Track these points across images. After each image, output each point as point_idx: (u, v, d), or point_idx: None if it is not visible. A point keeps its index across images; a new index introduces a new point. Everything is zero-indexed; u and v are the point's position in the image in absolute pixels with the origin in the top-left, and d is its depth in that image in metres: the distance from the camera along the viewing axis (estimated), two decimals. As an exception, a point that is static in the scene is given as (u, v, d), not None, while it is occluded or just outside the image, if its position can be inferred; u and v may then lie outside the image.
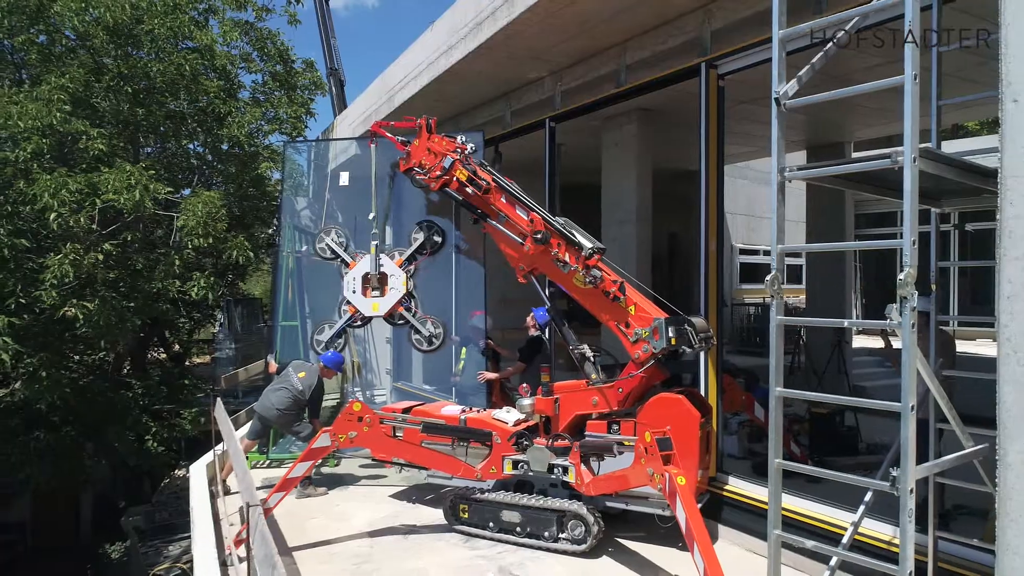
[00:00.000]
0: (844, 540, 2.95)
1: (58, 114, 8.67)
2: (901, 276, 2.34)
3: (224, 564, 5.23)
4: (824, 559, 4.46)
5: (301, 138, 13.91)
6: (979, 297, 17.83)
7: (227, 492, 6.86)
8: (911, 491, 2.25)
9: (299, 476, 5.44)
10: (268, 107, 12.69)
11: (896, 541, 3.98)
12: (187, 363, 18.49)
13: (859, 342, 12.27)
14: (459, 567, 5.13)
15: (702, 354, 5.68)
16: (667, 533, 5.59)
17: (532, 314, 7.34)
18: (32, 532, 14.16)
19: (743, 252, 15.23)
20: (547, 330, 7.32)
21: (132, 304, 9.57)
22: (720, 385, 5.76)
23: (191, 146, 13.77)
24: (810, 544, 2.79)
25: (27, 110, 8.45)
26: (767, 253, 16.32)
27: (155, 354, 17.53)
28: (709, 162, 5.80)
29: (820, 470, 2.82)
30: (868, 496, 3.01)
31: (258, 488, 7.02)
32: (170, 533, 12.86)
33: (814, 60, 3.05)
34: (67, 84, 9.44)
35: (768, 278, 2.81)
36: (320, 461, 7.06)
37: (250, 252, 10.05)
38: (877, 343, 12.18)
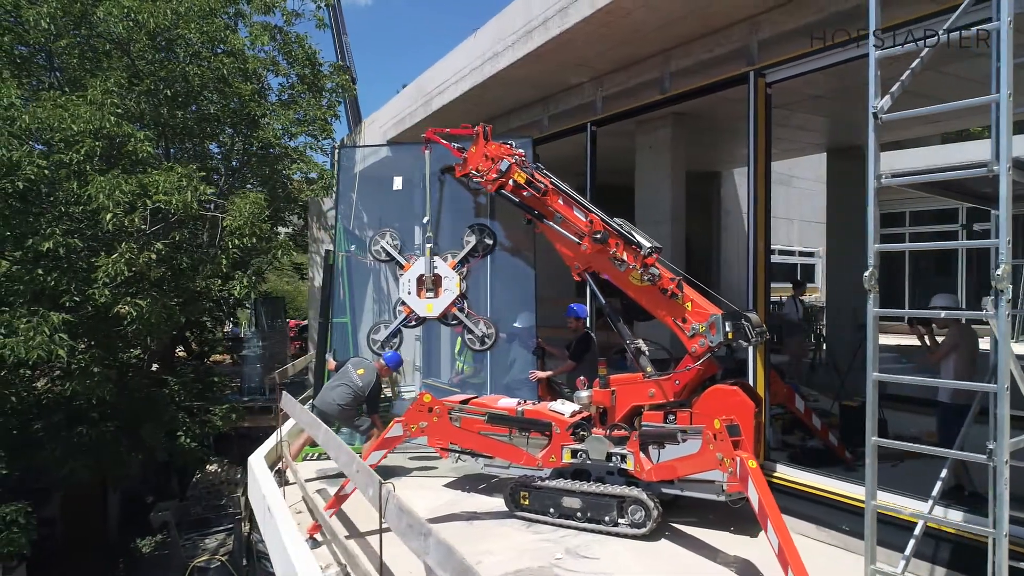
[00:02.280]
0: (926, 510, 3.23)
1: (112, 118, 8.94)
2: (998, 271, 2.63)
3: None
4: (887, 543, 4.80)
5: (328, 139, 14.21)
6: (979, 294, 18.21)
7: (285, 483, 7.12)
8: (1007, 462, 2.54)
9: (373, 464, 5.70)
10: (297, 108, 12.94)
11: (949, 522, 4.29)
12: (205, 361, 18.75)
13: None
14: (527, 549, 5.41)
15: (750, 348, 5.98)
16: (717, 519, 5.91)
17: (571, 311, 7.64)
18: (61, 528, 14.37)
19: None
20: (587, 322, 7.65)
21: (175, 302, 9.84)
22: (768, 377, 6.07)
23: (213, 147, 14.07)
24: (907, 512, 3.08)
25: (79, 113, 8.72)
26: (783, 252, 16.70)
27: (176, 352, 17.77)
28: (758, 166, 6.09)
29: (916, 445, 3.11)
30: (944, 473, 3.30)
31: (314, 479, 7.34)
32: (205, 527, 13.15)
33: (903, 77, 3.34)
34: (111, 87, 9.71)
35: (866, 275, 3.10)
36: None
37: (293, 252, 10.32)
38: (890, 340, 12.53)
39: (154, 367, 13.58)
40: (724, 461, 4.58)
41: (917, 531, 3.20)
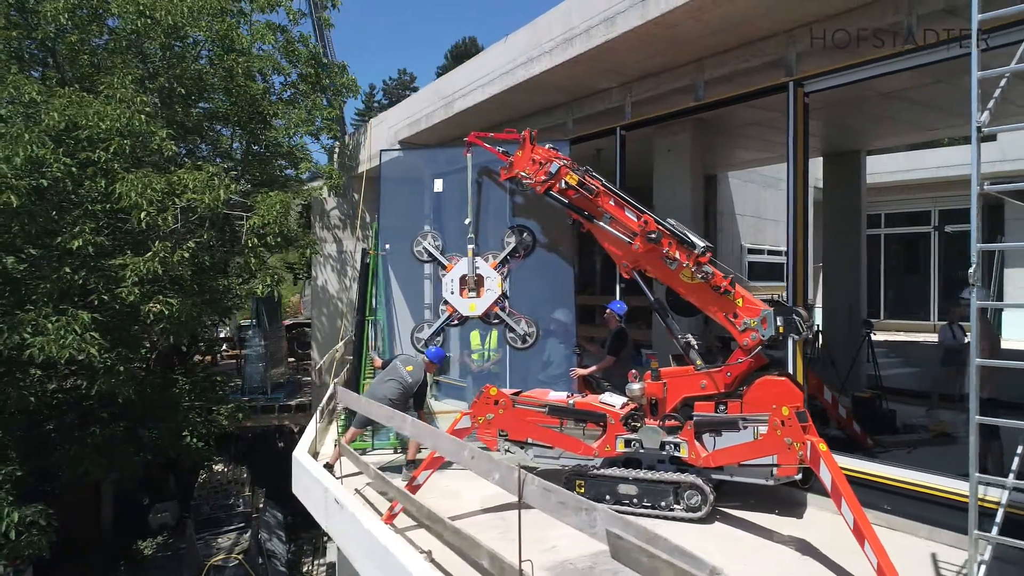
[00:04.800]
0: (1009, 480, 3.60)
1: (141, 116, 8.91)
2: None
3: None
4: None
5: (334, 139, 14.25)
6: (951, 292, 19.23)
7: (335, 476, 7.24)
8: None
9: (439, 459, 5.90)
10: (303, 108, 12.95)
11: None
12: (197, 360, 18.56)
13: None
14: (595, 534, 5.68)
15: (790, 341, 6.36)
16: (759, 502, 6.27)
17: (609, 309, 7.94)
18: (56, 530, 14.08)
19: (750, 252, 16.06)
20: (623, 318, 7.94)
21: (201, 300, 9.84)
22: (806, 370, 6.46)
23: (204, 145, 13.97)
24: (1010, 482, 3.45)
25: (106, 111, 8.67)
26: (772, 253, 17.29)
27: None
28: (797, 172, 6.46)
29: (1015, 422, 3.46)
30: (1020, 449, 3.68)
31: (354, 474, 7.47)
32: (215, 526, 13.09)
33: (995, 93, 3.70)
34: (128, 84, 9.65)
35: (970, 271, 3.45)
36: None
37: (318, 250, 10.40)
38: (878, 336, 13.18)
39: (154, 368, 13.45)
40: (794, 445, 4.92)
41: (1004, 500, 3.58)
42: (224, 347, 24.67)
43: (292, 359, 20.98)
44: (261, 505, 14.37)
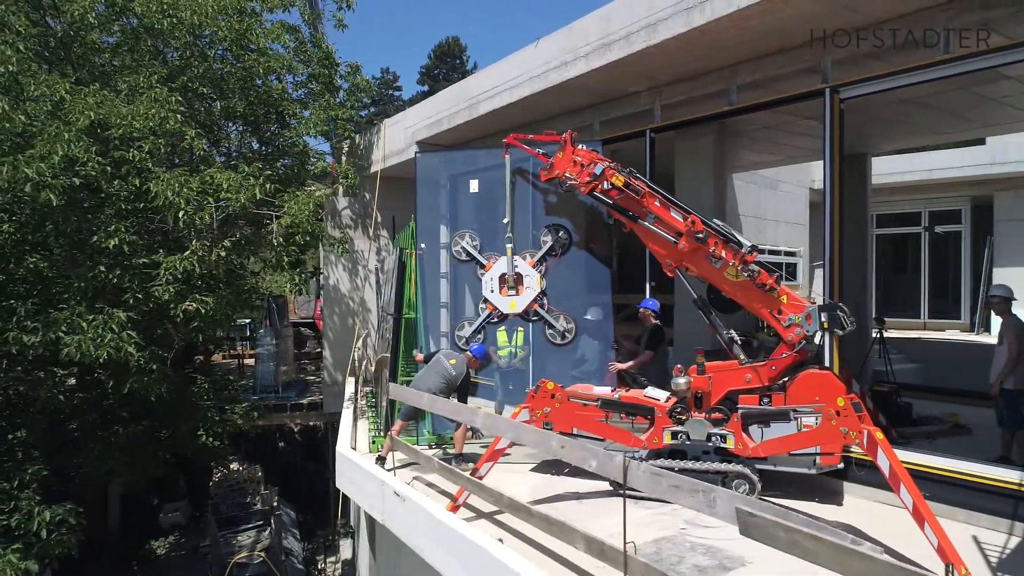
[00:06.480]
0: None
1: (177, 115, 8.95)
2: None
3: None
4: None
5: (349, 139, 14.32)
6: (940, 291, 19.81)
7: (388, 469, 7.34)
8: None
9: (504, 447, 6.08)
10: (320, 107, 13.01)
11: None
12: (199, 360, 18.49)
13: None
14: (648, 522, 5.91)
15: (827, 337, 6.64)
16: (798, 491, 6.53)
17: (644, 307, 8.16)
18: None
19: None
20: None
21: (234, 299, 9.91)
22: (842, 364, 6.75)
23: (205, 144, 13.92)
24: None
25: (139, 111, 8.70)
26: (773, 253, 17.69)
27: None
28: (833, 176, 6.73)
29: None
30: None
31: (402, 466, 7.62)
32: (234, 525, 13.11)
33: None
34: (155, 84, 9.68)
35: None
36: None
37: (347, 250, 10.51)
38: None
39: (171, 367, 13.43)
40: (850, 434, 5.19)
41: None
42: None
43: (292, 358, 20.95)
44: (275, 503, 14.42)
